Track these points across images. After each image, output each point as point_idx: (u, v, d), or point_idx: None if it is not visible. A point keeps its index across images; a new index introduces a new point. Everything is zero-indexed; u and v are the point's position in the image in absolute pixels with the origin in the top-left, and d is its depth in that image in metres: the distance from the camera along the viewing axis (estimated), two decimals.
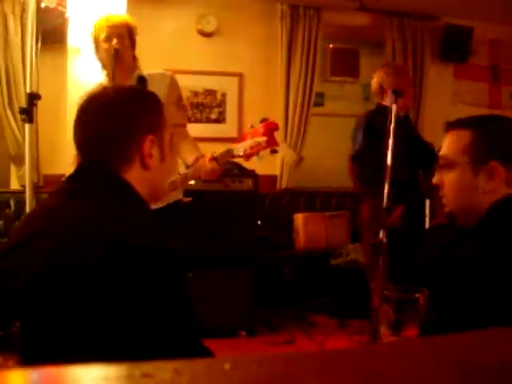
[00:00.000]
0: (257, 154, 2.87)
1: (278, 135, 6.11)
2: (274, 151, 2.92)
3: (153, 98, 1.73)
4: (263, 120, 2.93)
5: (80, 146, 1.63)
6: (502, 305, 1.48)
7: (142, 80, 3.31)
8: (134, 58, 3.36)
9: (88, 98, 1.66)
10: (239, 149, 2.88)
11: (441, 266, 1.63)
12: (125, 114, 1.62)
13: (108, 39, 3.22)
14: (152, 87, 3.25)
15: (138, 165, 1.60)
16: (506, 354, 0.67)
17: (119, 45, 3.19)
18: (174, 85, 3.43)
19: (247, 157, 2.90)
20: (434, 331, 1.50)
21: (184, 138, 3.38)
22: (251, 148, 2.85)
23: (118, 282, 1.34)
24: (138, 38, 3.40)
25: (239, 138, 2.94)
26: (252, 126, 2.96)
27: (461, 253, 1.63)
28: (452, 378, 0.60)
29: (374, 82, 4.39)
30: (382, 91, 4.30)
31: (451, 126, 1.81)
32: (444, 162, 1.78)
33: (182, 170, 3.18)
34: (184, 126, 3.48)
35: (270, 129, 2.87)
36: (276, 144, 2.88)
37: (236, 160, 3.76)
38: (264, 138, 2.82)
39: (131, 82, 3.23)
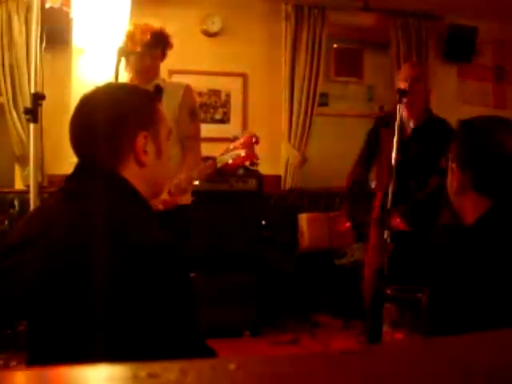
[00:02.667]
0: (238, 166, 2.90)
1: (283, 135, 6.13)
2: (253, 164, 2.88)
3: (146, 94, 1.73)
4: (245, 133, 2.96)
5: (75, 146, 1.63)
6: (501, 307, 1.48)
7: (158, 89, 3.36)
8: (158, 68, 3.42)
9: (81, 98, 1.66)
10: (222, 161, 2.89)
11: (441, 267, 1.64)
12: (116, 111, 1.62)
13: (139, 44, 3.28)
14: (167, 96, 3.30)
15: (133, 162, 1.59)
16: (506, 356, 0.67)
17: (152, 57, 3.33)
18: (188, 94, 3.46)
19: (230, 169, 2.91)
20: (434, 332, 1.51)
21: (189, 152, 3.40)
22: (233, 160, 2.85)
23: (120, 282, 1.34)
24: None
25: (224, 150, 2.89)
26: (236, 138, 2.96)
27: (457, 255, 1.65)
28: (453, 379, 0.60)
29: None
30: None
31: None
32: None
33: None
34: (195, 137, 3.48)
35: (250, 142, 2.86)
36: (255, 157, 2.87)
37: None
38: (243, 151, 2.82)
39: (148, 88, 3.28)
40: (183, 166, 3.33)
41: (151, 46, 3.35)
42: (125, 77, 3.50)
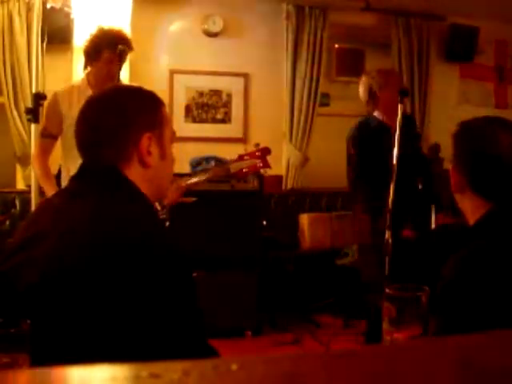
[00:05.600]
0: (249, 173, 3.37)
1: (284, 136, 6.14)
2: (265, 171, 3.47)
3: (151, 96, 1.73)
4: (257, 145, 3.41)
5: (80, 146, 1.64)
6: (507, 306, 1.48)
7: None
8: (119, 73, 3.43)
9: (88, 100, 1.68)
10: (236, 167, 3.19)
11: (445, 267, 1.64)
12: (120, 112, 1.63)
13: (113, 47, 3.29)
14: None
15: (137, 163, 1.60)
16: (506, 356, 0.67)
17: (118, 61, 3.29)
18: None
19: (242, 175, 3.34)
20: (438, 331, 1.51)
21: None
22: (248, 168, 3.21)
23: (124, 281, 1.35)
24: (144, 38, 3.45)
25: (237, 158, 3.25)
26: (246, 150, 3.35)
27: (464, 253, 1.65)
28: (457, 378, 0.60)
29: (363, 89, 4.25)
30: (372, 96, 4.16)
31: None
32: None
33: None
34: None
35: (264, 153, 3.27)
36: (269, 166, 3.33)
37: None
38: (259, 161, 3.23)
39: None
40: None
41: (118, 45, 3.34)
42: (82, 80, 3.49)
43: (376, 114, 4.19)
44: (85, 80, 3.49)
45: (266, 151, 3.27)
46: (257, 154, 3.23)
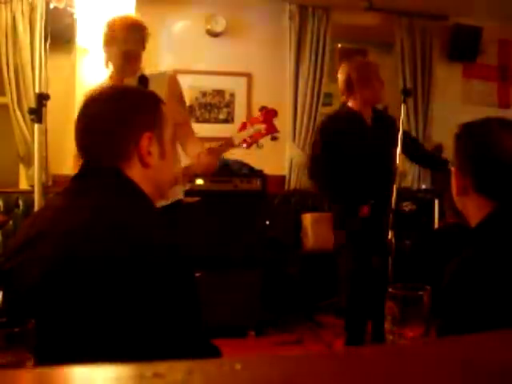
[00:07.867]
0: (256, 141, 2.96)
1: (287, 135, 6.13)
2: (274, 138, 2.98)
3: (150, 95, 1.74)
4: (262, 108, 3.00)
5: (80, 146, 1.64)
6: (504, 308, 1.48)
7: (143, 79, 3.32)
8: (141, 59, 3.38)
9: (86, 99, 1.68)
10: (239, 137, 2.96)
11: (448, 267, 1.64)
12: (121, 112, 1.63)
13: (125, 40, 3.25)
14: (153, 86, 3.27)
15: (138, 163, 1.60)
16: (509, 355, 0.67)
17: (136, 47, 3.23)
18: (173, 83, 3.42)
19: (248, 145, 2.98)
20: (441, 331, 1.51)
21: (188, 136, 3.38)
22: (251, 137, 2.94)
23: (125, 281, 1.35)
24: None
25: (239, 128, 2.97)
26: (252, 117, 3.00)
27: (467, 254, 1.65)
28: (457, 378, 0.60)
29: (342, 77, 4.13)
30: (350, 86, 4.07)
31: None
32: None
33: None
34: (187, 123, 3.47)
35: (269, 116, 2.95)
36: (276, 130, 2.95)
37: (237, 148, 3.74)
38: (263, 125, 2.91)
39: (133, 81, 3.24)
40: (188, 152, 3.31)
41: (132, 32, 3.29)
42: (106, 74, 3.45)
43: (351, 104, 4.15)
44: (107, 78, 3.47)
45: (270, 114, 2.97)
46: (260, 118, 2.96)
